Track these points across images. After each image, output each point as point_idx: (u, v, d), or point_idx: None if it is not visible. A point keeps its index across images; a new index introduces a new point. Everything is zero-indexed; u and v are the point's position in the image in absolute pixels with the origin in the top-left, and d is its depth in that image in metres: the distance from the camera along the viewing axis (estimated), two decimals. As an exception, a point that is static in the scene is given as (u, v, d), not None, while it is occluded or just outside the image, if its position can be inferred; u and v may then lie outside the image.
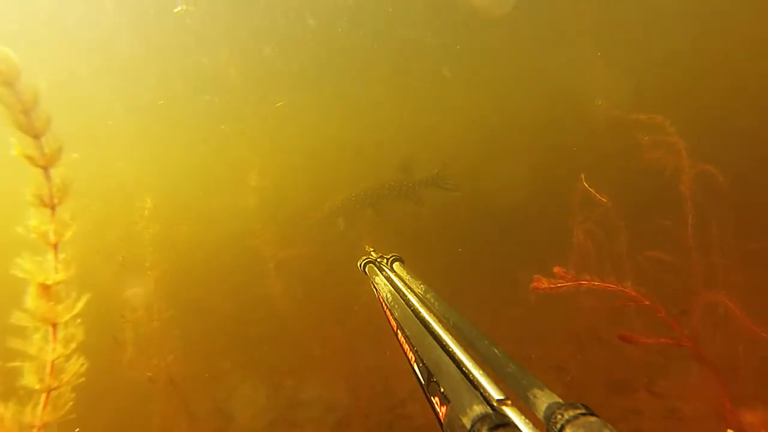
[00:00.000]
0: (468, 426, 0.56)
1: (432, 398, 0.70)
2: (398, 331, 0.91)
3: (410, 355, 0.81)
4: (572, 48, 13.49)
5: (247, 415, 4.62)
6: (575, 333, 3.73)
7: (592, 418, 0.52)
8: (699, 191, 3.91)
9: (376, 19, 13.14)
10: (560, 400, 0.57)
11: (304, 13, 12.16)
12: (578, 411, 0.53)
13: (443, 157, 6.03)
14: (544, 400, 0.58)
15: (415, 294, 1.02)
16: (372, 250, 1.40)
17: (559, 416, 0.54)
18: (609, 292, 2.24)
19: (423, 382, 0.75)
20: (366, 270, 1.30)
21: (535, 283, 2.07)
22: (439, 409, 0.67)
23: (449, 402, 0.63)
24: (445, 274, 7.20)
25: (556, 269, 2.08)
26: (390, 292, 1.04)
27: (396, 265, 1.24)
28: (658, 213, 4.20)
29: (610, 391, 3.54)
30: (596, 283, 2.18)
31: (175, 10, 9.99)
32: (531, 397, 0.60)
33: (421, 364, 0.75)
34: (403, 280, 1.12)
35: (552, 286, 2.06)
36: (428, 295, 0.98)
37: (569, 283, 2.10)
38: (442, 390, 0.66)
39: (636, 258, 4.02)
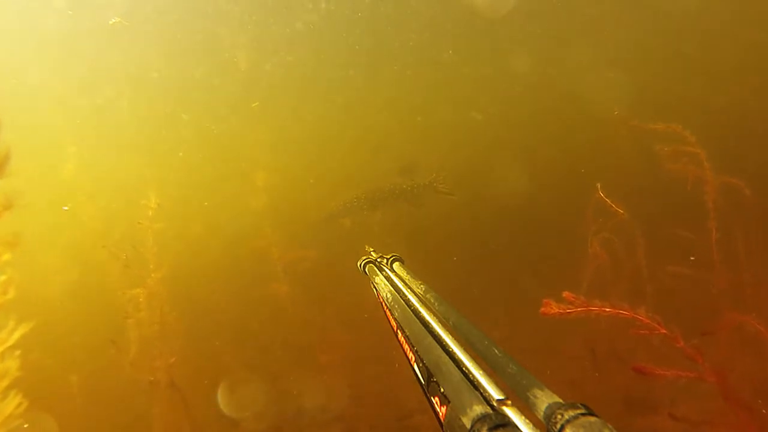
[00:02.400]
0: (468, 426, 0.57)
1: (432, 398, 0.72)
2: (398, 331, 0.93)
3: (410, 355, 0.83)
4: (585, 53, 13.46)
5: (250, 421, 4.66)
6: (590, 346, 3.66)
7: (592, 418, 0.52)
8: (723, 203, 3.84)
9: (380, 24, 13.40)
10: (560, 400, 0.58)
11: (309, 16, 12.47)
12: (578, 411, 0.54)
13: (441, 162, 6.32)
14: (544, 400, 0.59)
15: (415, 294, 1.05)
16: (372, 250, 1.43)
17: (559, 416, 0.55)
18: (622, 318, 2.18)
19: (423, 382, 0.77)
20: (366, 270, 1.33)
21: (544, 308, 2.05)
22: (439, 409, 0.68)
23: (449, 402, 0.65)
24: (452, 279, 7.24)
25: (565, 294, 2.05)
26: (390, 292, 1.07)
27: (396, 265, 1.27)
28: (678, 225, 4.13)
29: (628, 409, 3.44)
30: (608, 310, 2.14)
31: (110, 22, 10.59)
32: (531, 397, 0.61)
33: (421, 364, 0.77)
34: (403, 280, 1.15)
35: (562, 311, 2.05)
36: (428, 295, 1.00)
37: (579, 309, 2.07)
38: (442, 390, 0.68)
39: (655, 272, 3.95)
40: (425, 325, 0.87)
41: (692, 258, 3.74)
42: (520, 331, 5.39)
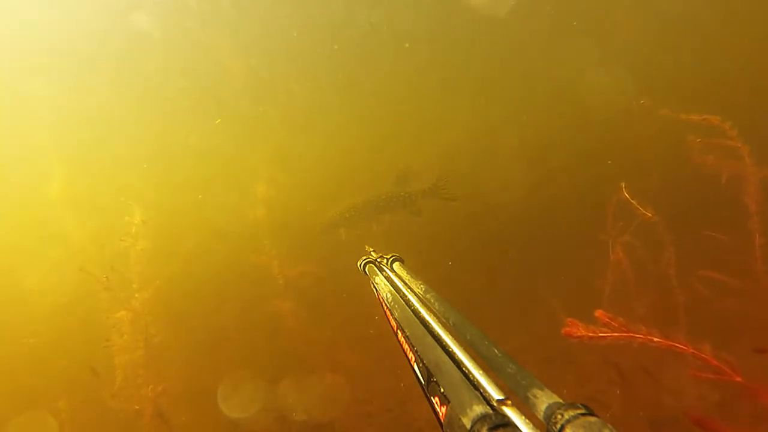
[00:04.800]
0: (468, 426, 0.62)
1: (432, 398, 0.77)
2: (398, 331, 1.00)
3: (410, 355, 0.89)
4: (604, 40, 13.49)
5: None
6: (614, 361, 3.62)
7: (592, 418, 0.58)
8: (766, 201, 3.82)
9: (379, 31, 13.76)
10: (560, 400, 0.63)
11: (307, 25, 12.86)
12: (578, 411, 0.59)
13: (441, 167, 6.52)
14: (544, 400, 0.65)
15: (415, 294, 1.12)
16: (372, 250, 1.52)
17: (559, 416, 0.60)
18: (674, 351, 1.83)
19: (423, 382, 0.83)
20: (366, 270, 1.41)
21: (567, 329, 1.80)
22: (439, 409, 0.74)
23: (449, 402, 0.70)
24: (460, 285, 7.31)
25: (598, 313, 1.80)
26: (390, 292, 1.15)
27: (396, 265, 1.35)
28: (713, 228, 4.11)
29: (655, 428, 3.40)
30: (656, 340, 1.81)
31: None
32: (531, 397, 0.67)
33: (421, 364, 0.83)
34: (403, 280, 1.23)
35: (591, 335, 1.78)
36: (428, 295, 1.07)
37: (615, 335, 1.77)
38: (442, 390, 0.74)
39: (688, 279, 3.91)
40: (425, 325, 0.93)
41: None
42: (535, 341, 5.45)
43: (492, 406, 0.66)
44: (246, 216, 7.38)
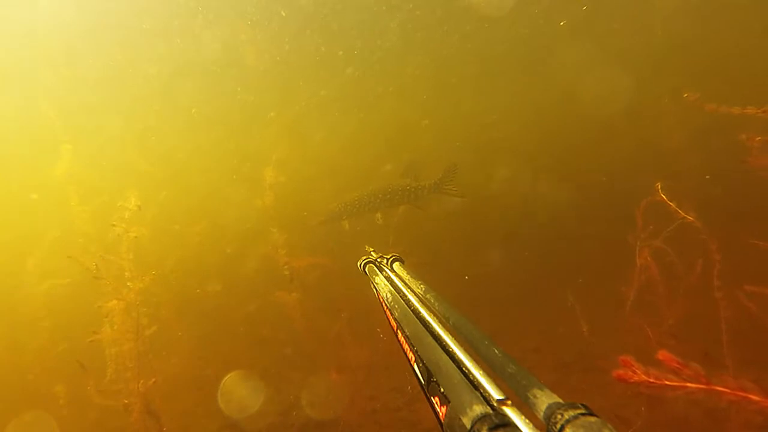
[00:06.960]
0: (468, 426, 0.68)
1: (432, 398, 0.84)
2: (398, 331, 1.08)
3: (410, 355, 0.96)
4: (642, 27, 13.13)
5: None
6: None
7: (592, 418, 0.62)
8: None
9: (387, 25, 13.84)
10: (560, 400, 0.69)
11: (320, 20, 13.02)
12: (578, 411, 0.64)
13: (448, 162, 6.58)
14: (544, 400, 0.70)
15: (415, 294, 1.20)
16: (372, 250, 1.63)
17: (559, 416, 0.65)
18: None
19: (423, 382, 0.89)
20: (366, 270, 1.52)
21: (620, 372, 1.57)
22: (439, 409, 0.80)
23: (449, 402, 0.76)
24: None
25: (660, 354, 1.52)
26: (390, 292, 1.23)
27: (396, 265, 1.44)
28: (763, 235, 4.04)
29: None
30: (756, 399, 1.49)
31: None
32: (531, 397, 0.72)
33: (421, 364, 0.90)
34: (403, 280, 1.32)
35: (651, 382, 1.51)
36: (428, 295, 1.14)
37: (691, 385, 1.49)
38: (442, 390, 0.80)
39: (734, 293, 3.85)
40: (425, 325, 1.00)
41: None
42: (552, 345, 5.48)
43: (492, 406, 0.71)
44: (250, 205, 7.53)
